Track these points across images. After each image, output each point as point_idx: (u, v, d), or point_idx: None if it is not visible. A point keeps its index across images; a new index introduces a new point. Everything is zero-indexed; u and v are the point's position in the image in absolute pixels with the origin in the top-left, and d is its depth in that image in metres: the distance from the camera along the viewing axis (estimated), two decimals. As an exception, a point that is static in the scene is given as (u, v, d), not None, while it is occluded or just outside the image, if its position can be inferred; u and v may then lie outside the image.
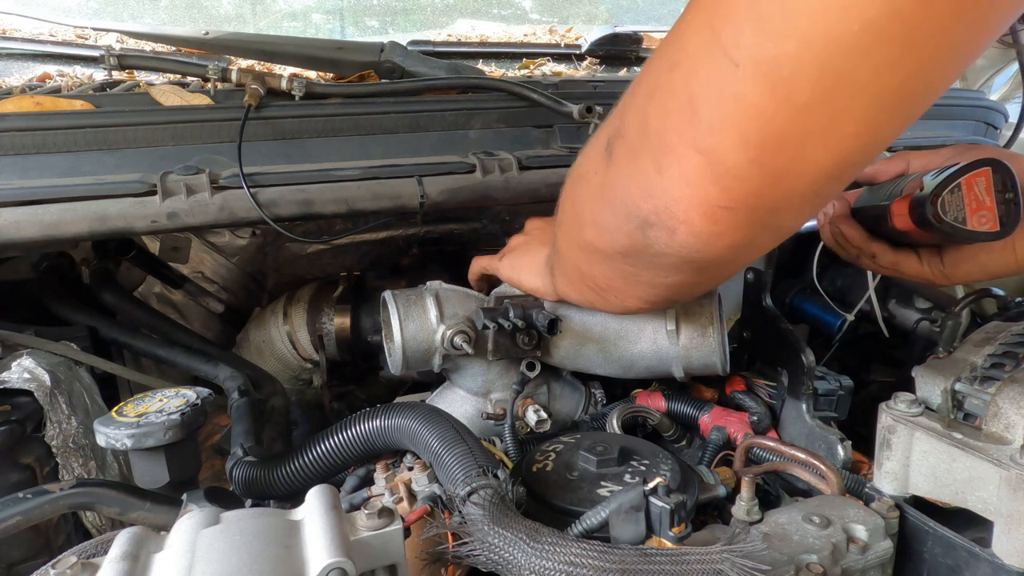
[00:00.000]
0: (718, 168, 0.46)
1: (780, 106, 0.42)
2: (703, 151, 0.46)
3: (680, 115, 0.46)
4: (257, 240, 1.27)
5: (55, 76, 1.37)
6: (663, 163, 0.49)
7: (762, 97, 0.42)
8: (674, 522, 0.60)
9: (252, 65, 1.41)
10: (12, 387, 0.91)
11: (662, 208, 0.51)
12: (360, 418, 0.84)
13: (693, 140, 0.46)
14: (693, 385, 1.11)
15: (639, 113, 0.51)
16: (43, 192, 0.92)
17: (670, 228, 0.51)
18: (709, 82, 0.44)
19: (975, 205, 0.75)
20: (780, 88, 0.41)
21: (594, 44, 1.83)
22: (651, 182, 0.50)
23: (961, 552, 0.67)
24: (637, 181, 0.52)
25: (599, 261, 0.65)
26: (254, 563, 0.51)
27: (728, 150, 0.45)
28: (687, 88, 0.45)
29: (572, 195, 0.66)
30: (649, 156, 0.50)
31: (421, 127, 1.14)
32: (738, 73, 0.42)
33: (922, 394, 0.79)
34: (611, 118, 0.59)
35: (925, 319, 1.23)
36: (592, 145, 0.62)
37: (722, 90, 0.44)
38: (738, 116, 0.44)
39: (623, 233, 0.57)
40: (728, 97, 0.43)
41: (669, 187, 0.49)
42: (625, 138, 0.53)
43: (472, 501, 0.63)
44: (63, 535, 0.93)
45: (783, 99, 0.42)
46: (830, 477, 0.77)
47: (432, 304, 0.96)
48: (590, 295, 0.74)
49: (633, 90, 0.54)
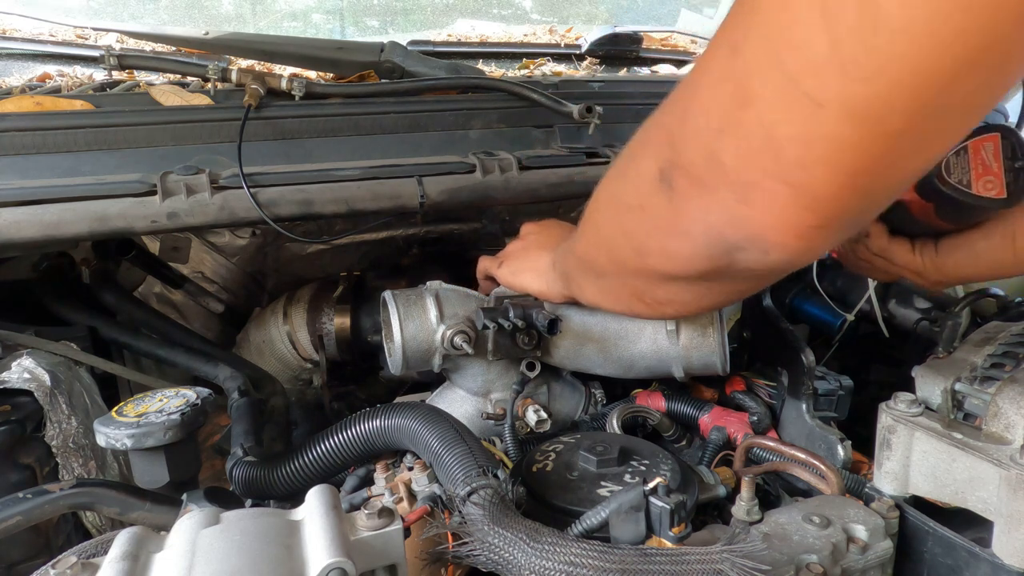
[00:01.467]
0: (809, 197, 0.46)
1: (873, 139, 0.42)
2: (792, 185, 0.45)
3: (762, 153, 0.45)
4: (257, 240, 1.27)
5: (55, 76, 1.37)
6: (749, 197, 0.48)
7: (852, 133, 0.42)
8: (674, 522, 0.60)
9: (252, 65, 1.41)
10: (12, 387, 0.91)
11: (753, 235, 0.50)
12: (360, 418, 0.84)
13: (780, 176, 0.45)
14: (693, 385, 1.11)
15: (704, 148, 0.49)
16: (43, 192, 0.92)
17: (763, 250, 0.51)
18: (792, 123, 0.43)
19: (981, 170, 0.73)
20: (872, 124, 0.41)
21: (594, 44, 1.83)
22: (737, 213, 0.49)
23: (961, 552, 0.67)
24: (718, 213, 0.51)
25: (665, 282, 0.64)
26: (254, 563, 0.51)
27: (819, 183, 0.45)
28: (765, 128, 0.44)
29: (619, 225, 0.64)
30: (729, 190, 0.49)
31: (421, 127, 1.15)
32: (824, 114, 0.41)
33: (922, 394, 0.79)
34: (650, 146, 0.57)
35: (925, 319, 1.23)
36: (634, 174, 0.59)
37: (808, 130, 0.43)
38: (827, 152, 0.43)
39: (704, 259, 0.56)
40: (815, 137, 0.43)
41: (759, 217, 0.48)
42: (689, 171, 0.52)
43: (472, 501, 0.63)
44: (63, 535, 0.93)
45: (876, 132, 0.42)
46: (830, 477, 0.77)
47: (432, 304, 0.96)
48: (641, 308, 0.72)
49: (682, 122, 0.52)
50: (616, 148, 1.20)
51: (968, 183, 0.73)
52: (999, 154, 0.74)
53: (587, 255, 0.75)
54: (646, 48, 1.88)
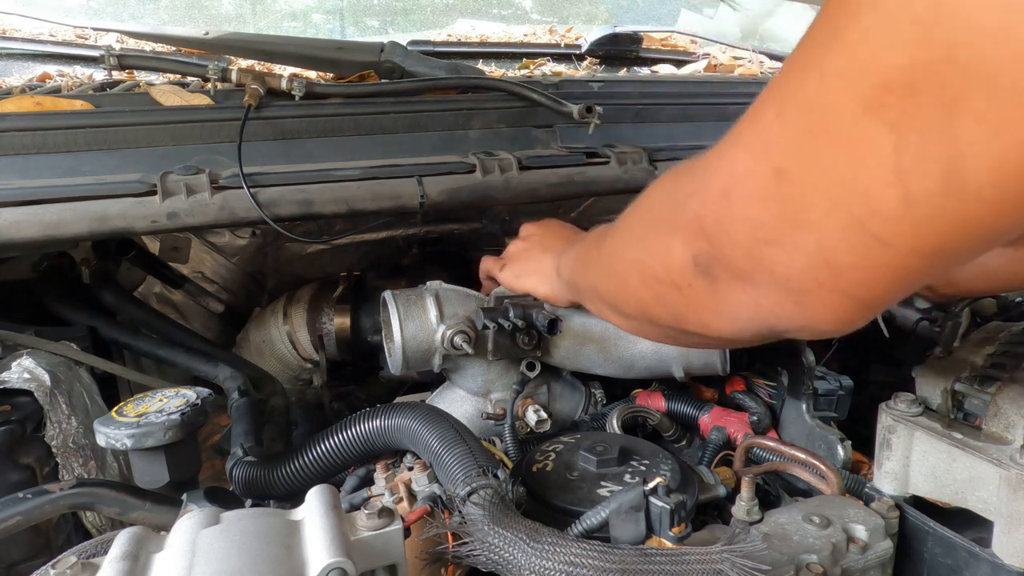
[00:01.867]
0: (866, 303, 0.47)
1: (934, 267, 0.43)
2: (850, 296, 0.46)
3: (818, 271, 0.45)
4: (257, 240, 1.27)
5: (55, 76, 1.37)
6: (803, 300, 0.48)
7: (919, 265, 0.43)
8: (674, 522, 0.60)
9: (252, 65, 1.41)
10: (12, 387, 0.91)
11: (804, 326, 0.51)
12: (360, 418, 0.84)
13: (837, 289, 0.46)
14: (693, 385, 1.11)
15: (752, 256, 0.49)
16: (43, 192, 0.92)
17: (814, 332, 0.52)
18: (854, 255, 0.43)
19: None
20: (938, 260, 0.42)
21: (594, 44, 1.83)
22: (788, 310, 0.50)
23: (961, 552, 0.67)
24: (767, 308, 0.51)
25: (703, 337, 0.63)
26: (254, 563, 0.51)
27: (878, 295, 0.46)
28: (824, 254, 0.44)
29: (652, 293, 0.62)
30: (779, 292, 0.49)
31: (421, 127, 1.15)
32: (892, 252, 0.42)
33: (922, 394, 0.79)
34: (680, 227, 0.55)
35: (925, 319, 1.23)
36: (663, 250, 0.57)
37: (872, 262, 0.43)
38: (890, 278, 0.44)
39: (748, 336, 0.57)
40: (880, 266, 0.43)
41: (813, 315, 0.49)
42: (730, 267, 0.51)
43: (472, 501, 0.63)
44: (63, 535, 0.93)
45: (939, 262, 0.43)
46: (830, 477, 0.77)
47: (432, 304, 0.96)
48: (672, 342, 0.74)
49: (718, 221, 0.50)
50: (616, 148, 1.20)
51: None
52: None
53: (612, 300, 0.72)
54: (646, 48, 1.88)
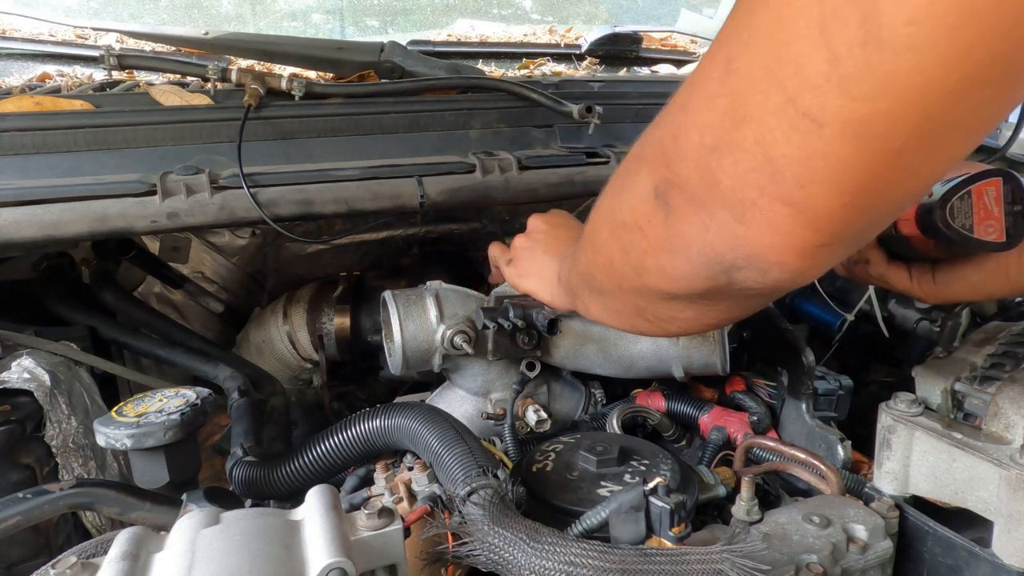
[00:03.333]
0: (809, 215, 0.45)
1: (875, 157, 0.41)
2: (791, 204, 0.44)
3: (758, 173, 0.44)
4: (257, 240, 1.27)
5: (55, 76, 1.37)
6: (745, 216, 0.47)
7: (854, 152, 0.41)
8: (674, 522, 0.60)
9: (252, 65, 1.41)
10: (12, 387, 0.91)
11: (752, 255, 0.49)
12: (360, 418, 0.84)
13: (779, 195, 0.44)
14: (693, 385, 1.11)
15: (699, 167, 0.48)
16: (43, 192, 0.92)
17: (762, 270, 0.50)
18: (790, 143, 0.42)
19: (983, 214, 0.75)
20: (874, 143, 0.40)
21: (594, 44, 1.83)
22: (734, 233, 0.48)
23: (961, 552, 0.67)
24: (715, 232, 0.50)
25: (666, 301, 0.63)
26: (254, 563, 0.51)
27: (819, 201, 0.43)
28: (762, 148, 0.43)
29: (616, 243, 0.63)
30: (725, 210, 0.48)
31: (421, 127, 1.15)
32: (824, 133, 0.40)
33: (922, 394, 0.79)
34: (645, 163, 0.56)
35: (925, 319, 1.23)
36: (630, 192, 0.58)
37: (807, 150, 0.42)
38: (828, 171, 0.42)
39: (703, 278, 0.55)
40: (815, 156, 0.42)
41: (757, 237, 0.47)
42: (684, 190, 0.50)
43: (472, 501, 0.63)
44: (63, 535, 0.93)
45: (878, 151, 0.41)
46: (830, 477, 0.77)
47: (432, 304, 0.96)
48: (645, 326, 0.71)
49: (675, 138, 0.51)
50: (616, 148, 1.20)
51: (970, 227, 0.75)
52: (1000, 198, 0.75)
53: (587, 272, 0.74)
54: (646, 48, 1.88)
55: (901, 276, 0.88)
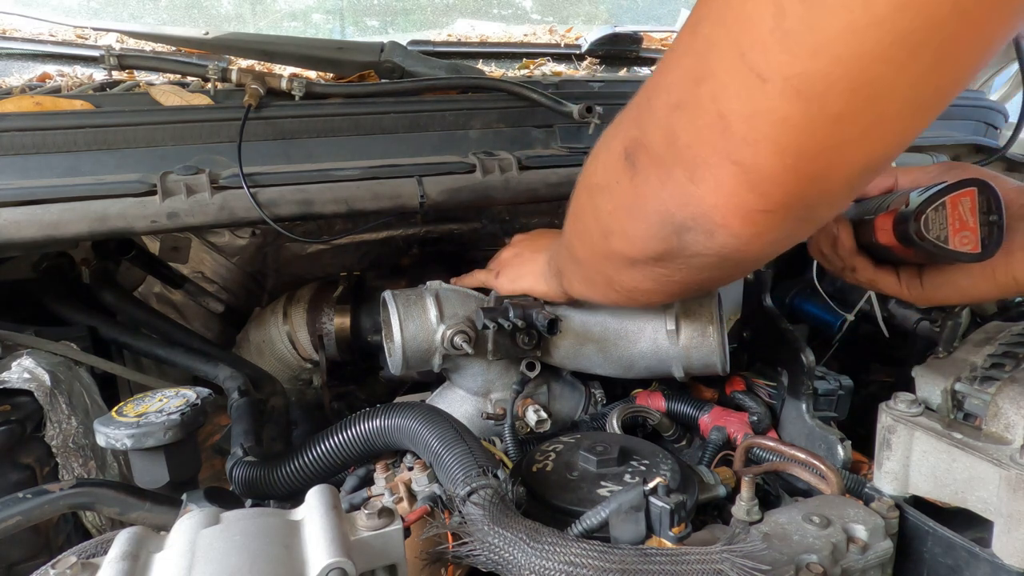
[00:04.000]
0: (754, 177, 0.46)
1: (814, 119, 0.42)
2: (738, 163, 0.46)
3: (711, 129, 0.46)
4: (257, 240, 1.27)
5: (55, 76, 1.37)
6: (696, 174, 0.49)
7: (795, 111, 0.42)
8: (674, 522, 0.60)
9: (252, 65, 1.41)
10: (12, 387, 0.91)
11: (699, 214, 0.51)
12: (360, 418, 0.84)
13: (727, 152, 0.46)
14: (693, 385, 1.11)
15: (663, 125, 0.51)
16: (43, 192, 0.92)
17: (708, 232, 0.52)
18: (739, 98, 0.44)
19: (958, 225, 0.74)
20: (813, 103, 0.41)
21: (594, 44, 1.83)
22: (685, 191, 0.50)
23: (961, 552, 0.67)
24: (670, 190, 0.52)
25: (628, 267, 0.65)
26: (254, 563, 0.51)
27: (764, 161, 0.45)
28: (716, 104, 0.45)
29: (591, 206, 0.66)
30: (680, 167, 0.50)
31: (421, 127, 1.14)
32: (767, 89, 0.42)
33: (922, 394, 0.79)
34: (622, 126, 0.58)
35: (925, 319, 1.23)
36: (605, 154, 0.61)
37: (753, 106, 0.43)
38: (772, 130, 0.44)
39: (657, 240, 0.57)
40: (760, 112, 0.43)
41: (705, 196, 0.49)
42: (649, 149, 0.53)
43: (472, 501, 0.63)
44: (63, 535, 0.93)
45: (816, 112, 0.42)
46: (830, 477, 0.77)
47: (432, 304, 0.96)
48: (615, 297, 0.74)
49: (648, 99, 0.53)
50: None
51: (945, 239, 0.75)
52: (975, 208, 0.75)
53: (568, 242, 0.76)
54: (646, 48, 1.88)
55: (889, 281, 0.88)
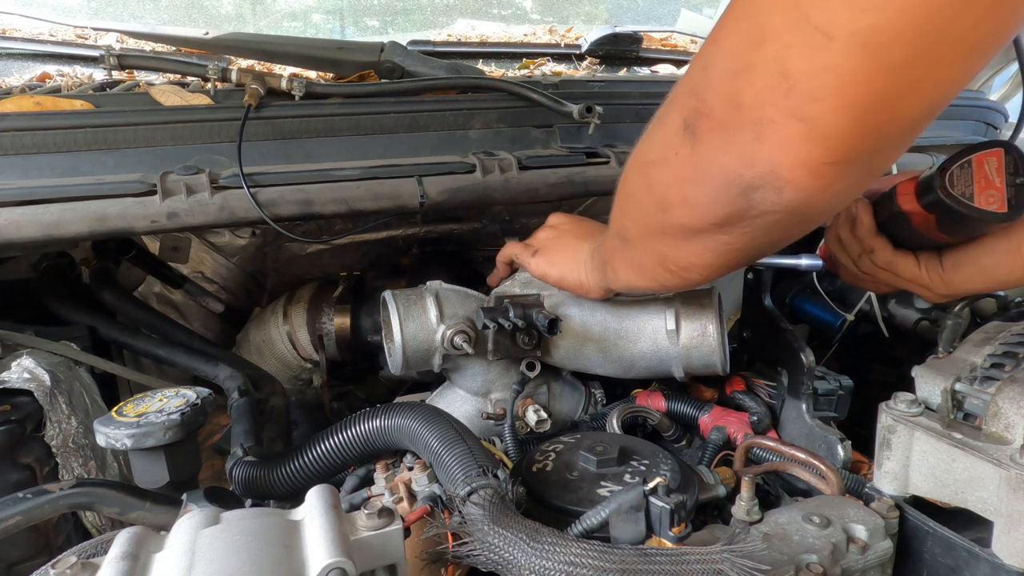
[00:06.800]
0: (820, 131, 0.47)
1: (879, 69, 0.44)
2: (803, 119, 0.47)
3: (775, 89, 0.47)
4: (257, 240, 1.27)
5: (55, 76, 1.37)
6: (763, 133, 0.50)
7: (860, 64, 0.44)
8: (674, 522, 0.60)
9: (252, 65, 1.41)
10: (12, 387, 0.91)
11: (767, 172, 0.52)
12: (360, 418, 0.84)
13: (791, 110, 0.47)
14: (693, 385, 1.11)
15: (724, 90, 0.52)
16: (43, 192, 0.92)
17: (777, 188, 0.53)
18: (802, 56, 0.45)
19: (984, 183, 0.74)
20: (879, 54, 0.43)
21: (594, 44, 1.83)
22: (751, 151, 0.52)
23: (961, 552, 0.67)
24: (735, 152, 0.53)
25: (688, 239, 0.65)
26: (254, 563, 0.51)
27: (829, 115, 0.46)
28: (779, 63, 0.46)
29: (645, 183, 0.66)
30: (746, 129, 0.51)
31: (421, 127, 1.14)
32: (833, 46, 0.43)
33: (922, 394, 0.79)
34: (676, 101, 0.59)
35: (925, 319, 1.23)
36: (660, 130, 0.62)
37: (817, 63, 0.45)
38: (837, 84, 0.45)
39: (722, 202, 0.57)
40: (825, 69, 0.44)
41: (772, 153, 0.50)
42: (711, 116, 0.54)
43: (472, 501, 0.63)
44: (63, 535, 0.93)
45: (882, 63, 0.43)
46: (830, 477, 0.77)
47: (432, 304, 0.96)
48: (667, 278, 0.73)
49: (704, 69, 0.54)
50: (616, 148, 1.20)
51: (971, 196, 0.75)
52: (1002, 169, 0.75)
53: (617, 224, 0.77)
54: (646, 48, 1.88)
55: (908, 263, 0.87)
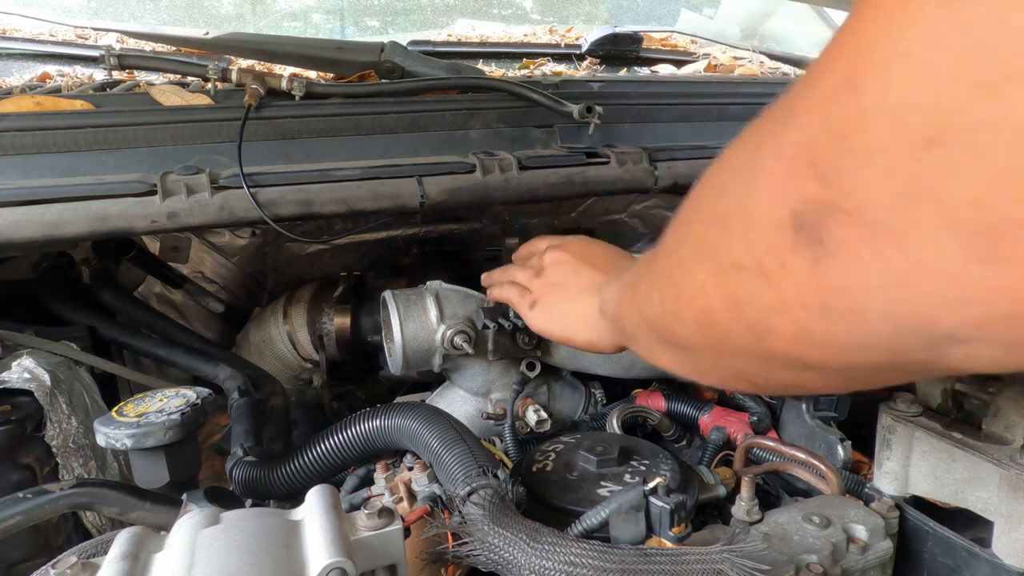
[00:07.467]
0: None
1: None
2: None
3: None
4: (257, 240, 1.27)
5: (55, 76, 1.37)
6: (999, 248, 0.27)
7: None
8: (674, 522, 0.60)
9: (252, 65, 1.41)
10: (12, 387, 0.91)
11: (993, 317, 0.29)
12: (360, 418, 0.84)
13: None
14: (693, 385, 1.11)
15: (898, 170, 0.29)
16: (43, 192, 0.92)
17: (1009, 342, 0.30)
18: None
19: None
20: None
21: (594, 44, 1.83)
22: (964, 281, 0.29)
23: (961, 552, 0.67)
24: (923, 284, 0.30)
25: (794, 369, 0.43)
26: (254, 563, 0.51)
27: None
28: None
29: (720, 290, 0.42)
30: (953, 241, 0.28)
31: (421, 127, 1.15)
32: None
33: (922, 394, 0.79)
34: (777, 173, 0.35)
35: (925, 319, 1.23)
36: (743, 210, 0.38)
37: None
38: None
39: (883, 352, 0.35)
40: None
41: (1013, 282, 0.28)
42: (857, 214, 0.31)
43: (472, 501, 0.64)
44: (63, 535, 0.93)
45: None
46: (830, 477, 0.77)
47: (432, 304, 0.96)
48: (744, 386, 0.57)
49: (839, 130, 0.31)
50: (616, 148, 1.19)
51: None
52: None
53: (661, 323, 0.54)
54: (646, 48, 1.88)
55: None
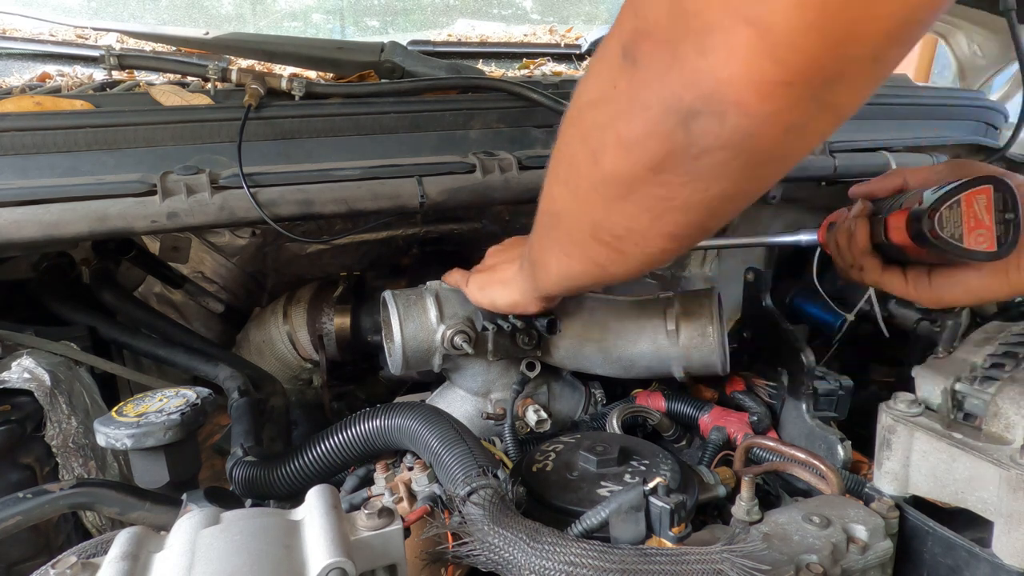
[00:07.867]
0: (771, 39, 0.42)
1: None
2: (753, 22, 0.41)
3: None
4: (257, 240, 1.27)
5: (55, 76, 1.37)
6: (706, 44, 0.44)
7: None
8: (674, 522, 0.60)
9: (252, 65, 1.41)
10: (12, 387, 0.91)
11: (709, 93, 0.46)
12: (360, 418, 0.84)
13: (740, 11, 0.42)
14: (693, 385, 1.11)
15: (667, 4, 0.46)
16: (43, 192, 0.92)
17: (719, 113, 0.46)
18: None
19: (973, 223, 0.73)
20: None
21: (594, 44, 1.83)
22: (694, 68, 0.45)
23: (961, 552, 0.67)
24: (676, 73, 0.47)
25: (622, 196, 0.58)
26: (254, 563, 0.51)
27: (782, 17, 0.41)
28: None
29: (580, 131, 0.60)
30: (689, 41, 0.45)
31: (421, 127, 1.14)
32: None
33: (922, 394, 0.79)
34: (615, 30, 0.53)
35: (925, 319, 1.23)
36: (598, 64, 0.56)
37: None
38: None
39: (660, 137, 0.51)
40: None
41: (715, 69, 0.44)
42: (652, 34, 0.48)
43: (472, 501, 0.64)
44: (63, 535, 0.93)
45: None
46: (830, 477, 0.77)
47: (432, 304, 0.96)
48: (604, 254, 0.66)
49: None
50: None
51: (960, 236, 0.73)
52: (991, 206, 0.73)
53: (548, 199, 0.71)
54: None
55: (896, 282, 0.86)
